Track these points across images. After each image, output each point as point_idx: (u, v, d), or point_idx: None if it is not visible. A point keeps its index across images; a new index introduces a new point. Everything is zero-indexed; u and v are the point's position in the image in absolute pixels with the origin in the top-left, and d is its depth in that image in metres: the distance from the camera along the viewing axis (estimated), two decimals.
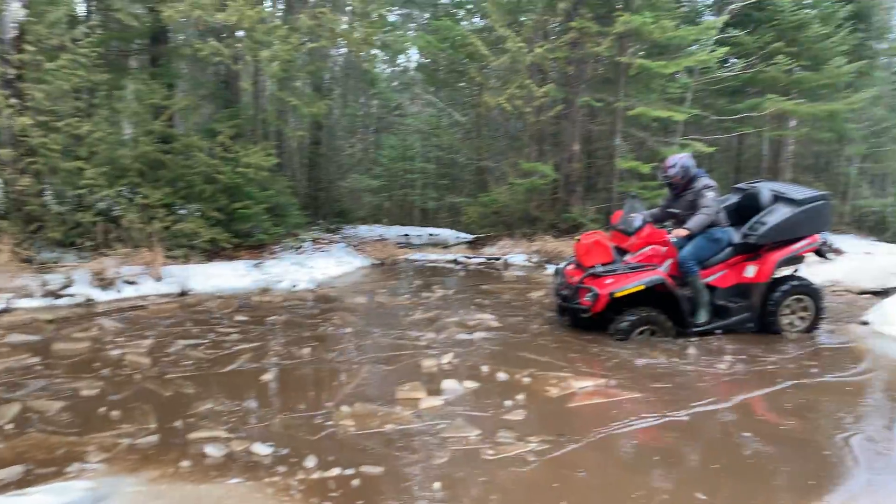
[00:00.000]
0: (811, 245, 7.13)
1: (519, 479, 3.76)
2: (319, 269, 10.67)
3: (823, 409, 5.10)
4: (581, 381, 5.37)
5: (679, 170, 6.95)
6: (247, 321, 7.39)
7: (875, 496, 3.79)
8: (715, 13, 16.10)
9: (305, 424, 4.46)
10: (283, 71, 11.19)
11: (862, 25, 18.15)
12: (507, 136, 18.35)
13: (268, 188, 11.53)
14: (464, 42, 14.16)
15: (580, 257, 6.87)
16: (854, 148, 18.93)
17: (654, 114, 13.29)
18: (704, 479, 3.89)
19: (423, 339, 6.70)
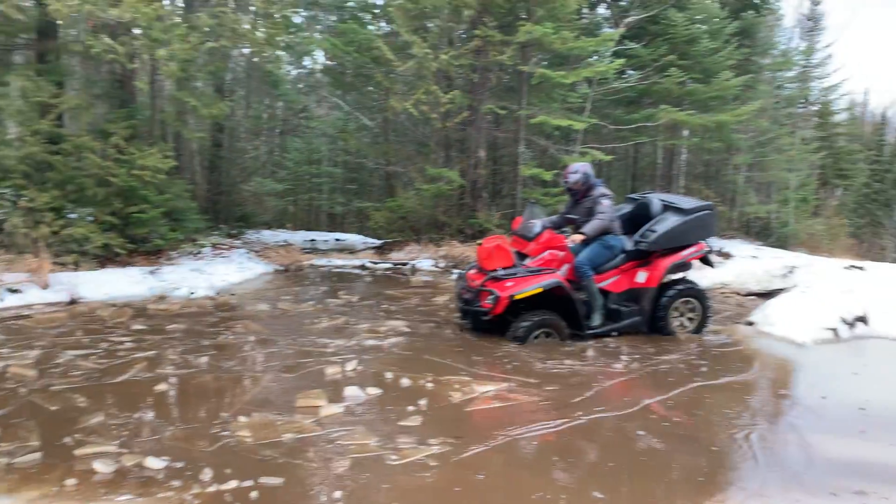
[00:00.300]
0: (698, 252, 7.59)
1: (420, 485, 3.79)
2: (219, 276, 10.37)
3: (713, 406, 5.37)
4: (483, 385, 5.45)
5: (581, 176, 7.23)
6: (141, 330, 7.10)
7: (765, 490, 4.02)
8: (612, 26, 16.70)
9: (201, 436, 4.33)
10: (182, 71, 10.81)
11: (748, 41, 19.24)
12: (415, 141, 18.40)
13: (165, 192, 11.11)
14: (370, 46, 14.12)
15: (482, 261, 7.03)
16: (741, 157, 20.03)
17: (556, 122, 13.65)
18: (602, 478, 4.03)
19: (328, 347, 6.63)
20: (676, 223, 7.34)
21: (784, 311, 8.25)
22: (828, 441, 4.76)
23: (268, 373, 5.76)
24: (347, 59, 15.39)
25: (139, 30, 10.44)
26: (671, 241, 7.33)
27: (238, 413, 4.72)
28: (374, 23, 17.74)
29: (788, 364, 6.93)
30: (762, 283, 11.24)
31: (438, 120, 14.00)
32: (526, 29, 12.69)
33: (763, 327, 8.06)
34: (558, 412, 5.00)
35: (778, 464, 4.35)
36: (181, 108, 12.56)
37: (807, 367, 6.81)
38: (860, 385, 6.14)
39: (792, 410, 5.48)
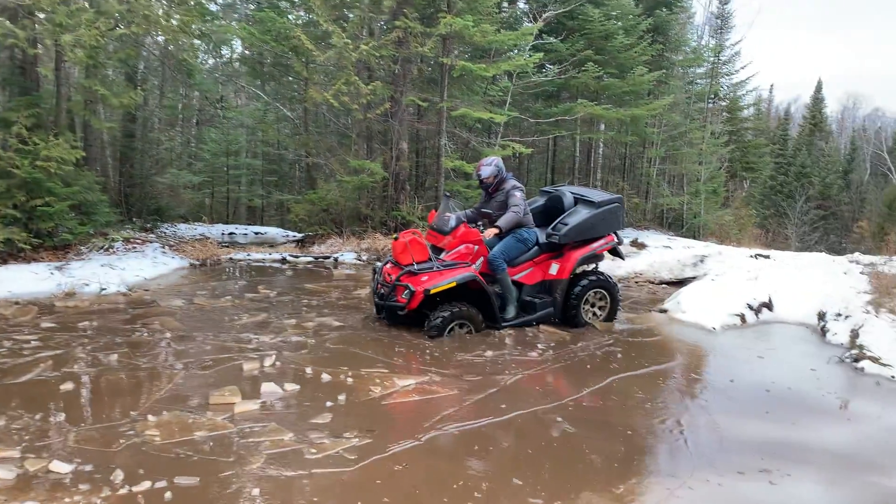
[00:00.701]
0: (608, 244, 7.84)
1: (339, 479, 3.76)
2: (132, 271, 10.00)
3: (626, 391, 5.54)
4: (404, 378, 5.45)
5: (493, 169, 7.39)
6: (47, 328, 6.78)
7: (677, 472, 4.18)
8: (532, 20, 16.94)
9: (108, 437, 4.17)
10: (90, 58, 10.35)
11: (660, 38, 19.90)
12: (336, 132, 18.21)
13: (73, 184, 10.61)
14: (288, 35, 13.87)
15: (397, 255, 7.04)
16: (654, 151, 20.69)
17: (477, 115, 13.76)
18: (521, 465, 4.10)
19: (246, 343, 6.50)
20: (587, 216, 7.55)
21: (695, 299, 8.59)
22: (736, 422, 4.98)
23: (182, 370, 5.60)
24: (265, 48, 15.09)
25: (42, 14, 9.94)
26: (582, 234, 7.54)
27: (148, 412, 4.56)
28: (293, 12, 17.43)
29: (699, 349, 7.21)
30: (674, 272, 11.65)
31: (360, 111, 13.90)
32: (447, 21, 12.73)
33: (675, 314, 8.36)
34: (477, 403, 5.06)
35: (689, 446, 4.53)
36: (90, 97, 12.02)
37: (716, 352, 7.11)
38: (765, 368, 6.46)
39: (702, 394, 5.71)
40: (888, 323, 7.22)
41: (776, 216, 38.01)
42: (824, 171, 43.79)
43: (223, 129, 23.72)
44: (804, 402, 5.49)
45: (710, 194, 23.50)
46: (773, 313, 8.53)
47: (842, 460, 4.38)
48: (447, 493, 3.66)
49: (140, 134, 16.37)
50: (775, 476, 4.05)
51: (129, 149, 15.38)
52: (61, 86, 11.62)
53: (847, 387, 5.99)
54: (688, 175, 22.68)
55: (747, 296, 8.61)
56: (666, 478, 4.02)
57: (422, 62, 14.92)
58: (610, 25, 16.53)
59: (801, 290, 8.98)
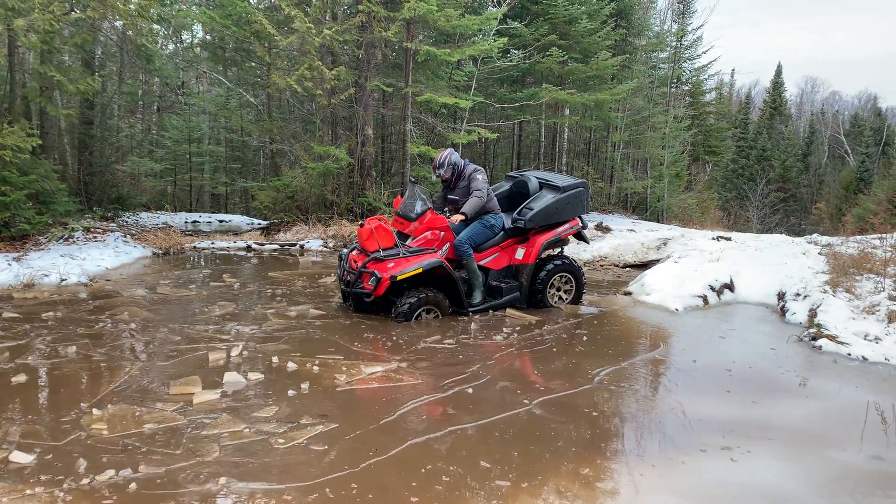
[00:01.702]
0: (572, 228, 7.95)
1: (299, 468, 3.76)
2: (93, 261, 9.83)
3: (591, 374, 5.61)
4: (371, 366, 5.45)
5: (448, 168, 7.43)
6: (8, 318, 6.64)
7: (642, 451, 4.26)
8: (495, 5, 16.91)
9: (60, 429, 4.11)
10: (44, 43, 10.10)
11: (624, 23, 20.01)
12: (300, 118, 18.03)
13: (29, 172, 10.36)
14: (250, 20, 13.66)
15: (363, 242, 7.04)
16: (618, 135, 20.86)
17: (442, 100, 13.72)
18: (489, 449, 4.13)
19: (212, 333, 6.45)
20: (551, 200, 7.64)
21: (658, 281, 8.72)
22: (698, 402, 5.09)
23: (144, 361, 5.53)
24: (227, 33, 14.84)
25: None
26: (547, 218, 7.63)
27: (102, 402, 4.52)
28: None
29: (662, 331, 7.32)
30: (638, 254, 11.81)
31: (324, 97, 13.77)
32: (410, 6, 12.63)
33: (639, 297, 8.49)
34: (443, 389, 5.08)
35: (654, 425, 4.62)
36: (45, 83, 11.71)
37: (679, 333, 7.23)
38: (727, 348, 6.59)
39: (666, 374, 5.81)
40: (844, 302, 7.41)
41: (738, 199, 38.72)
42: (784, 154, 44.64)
43: (185, 115, 23.30)
44: (764, 381, 5.62)
45: (673, 178, 23.82)
46: (734, 294, 8.70)
47: (801, 436, 4.50)
48: (415, 478, 3.68)
49: (99, 121, 16.02)
50: (736, 453, 4.14)
51: (88, 136, 15.05)
52: (15, 72, 11.32)
53: (806, 365, 6.14)
54: (651, 159, 22.93)
55: (709, 277, 8.76)
56: (631, 458, 4.09)
57: (386, 47, 14.81)
58: (574, 10, 16.57)
59: (762, 271, 9.17)
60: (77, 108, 14.56)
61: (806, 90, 67.68)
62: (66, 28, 11.56)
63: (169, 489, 3.46)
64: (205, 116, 24.33)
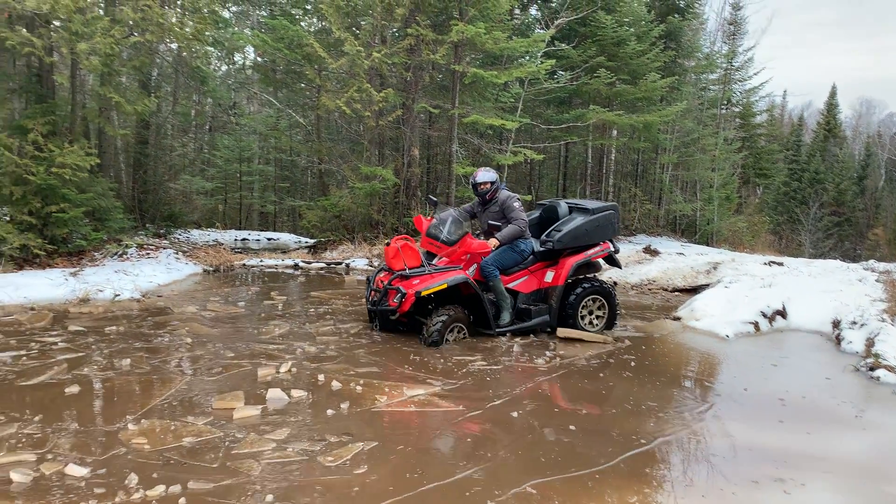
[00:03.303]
0: (603, 251, 7.81)
1: (333, 487, 3.75)
2: (146, 277, 10.06)
3: (639, 399, 5.51)
4: (413, 388, 5.43)
5: (492, 175, 7.48)
6: (62, 333, 6.83)
7: (692, 480, 4.15)
8: (543, 27, 16.95)
9: (105, 441, 4.20)
10: (105, 65, 10.45)
11: (673, 44, 19.86)
12: (348, 139, 18.28)
13: (87, 190, 10.71)
14: (301, 43, 13.95)
15: (389, 261, 7.05)
16: (667, 157, 20.63)
17: (488, 121, 13.77)
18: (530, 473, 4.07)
19: (259, 349, 6.53)
20: (581, 223, 7.56)
21: (708, 306, 8.55)
22: (749, 431, 4.94)
23: (191, 375, 5.62)
24: (278, 55, 15.16)
25: (58, 22, 10.05)
26: (576, 240, 7.54)
27: (150, 416, 4.61)
28: (306, 19, 17.54)
29: (712, 357, 7.16)
30: (688, 279, 11.60)
31: (372, 118, 13.94)
32: (458, 28, 12.75)
33: (688, 322, 8.32)
34: (485, 413, 5.04)
35: (704, 454, 4.50)
36: (104, 104, 12.13)
37: (729, 360, 7.06)
38: (779, 377, 6.41)
39: (715, 402, 5.67)
40: None
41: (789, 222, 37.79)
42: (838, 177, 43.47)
43: (236, 135, 23.83)
44: (819, 412, 5.44)
45: (723, 201, 23.40)
46: (786, 321, 8.47)
47: (857, 470, 4.34)
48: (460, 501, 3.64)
49: (153, 140, 16.48)
50: (790, 486, 4.01)
51: (143, 155, 15.49)
52: (76, 93, 11.73)
53: (862, 396, 5.93)
54: (700, 181, 22.59)
55: (761, 303, 8.55)
56: (680, 486, 3.99)
57: (433, 69, 14.95)
58: (622, 32, 16.52)
59: (816, 297, 8.91)
60: (133, 128, 15.03)
61: (861, 112, 66.00)
62: (125, 51, 11.96)
63: None
64: (255, 136, 24.82)
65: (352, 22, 14.23)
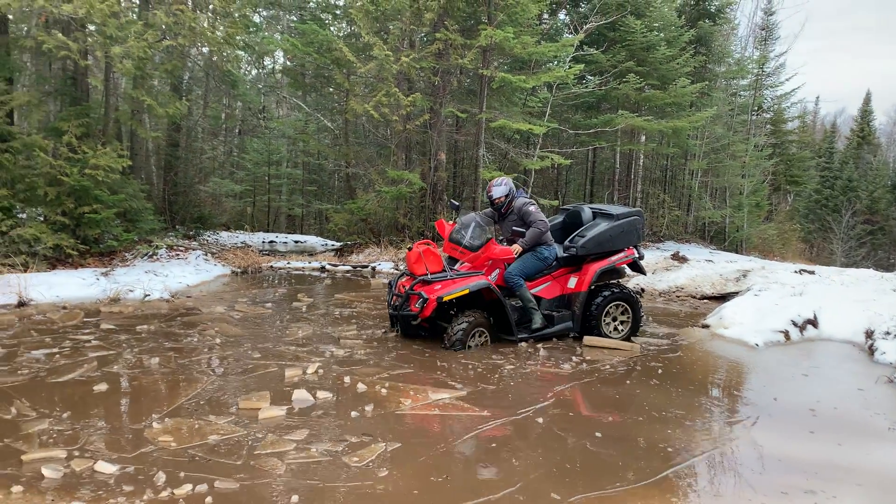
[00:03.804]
0: (627, 258, 7.71)
1: (357, 490, 3.76)
2: (175, 278, 10.19)
3: (666, 407, 5.44)
4: (439, 392, 5.42)
5: (505, 188, 7.35)
6: (94, 332, 6.94)
7: (719, 490, 4.09)
8: (572, 31, 16.89)
9: (130, 439, 4.25)
10: (138, 69, 10.63)
11: (703, 50, 19.68)
12: (375, 143, 18.37)
13: (119, 192, 10.89)
14: (330, 47, 14.05)
15: (410, 266, 7.00)
16: (696, 163, 20.42)
17: (515, 126, 13.75)
18: (554, 481, 4.04)
19: (287, 350, 6.57)
20: (604, 228, 7.46)
21: (738, 315, 8.42)
22: (779, 442, 4.85)
23: (218, 375, 5.67)
24: (307, 59, 15.29)
25: (93, 26, 10.23)
26: (600, 246, 7.44)
27: (175, 414, 4.66)
28: (335, 24, 17.67)
29: (741, 366, 7.05)
30: (716, 286, 11.45)
31: (399, 122, 13.99)
32: (487, 33, 12.76)
33: (717, 330, 8.21)
34: (510, 419, 5.02)
35: (732, 465, 4.43)
36: (137, 107, 12.33)
37: (759, 369, 6.94)
38: (810, 387, 6.29)
39: (744, 412, 5.58)
40: None
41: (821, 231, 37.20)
42: (872, 185, 42.68)
43: (265, 139, 24.07)
44: (851, 423, 5.33)
45: (754, 208, 23.11)
46: (818, 330, 8.31)
47: (890, 483, 4.23)
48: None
49: (184, 143, 16.71)
50: (821, 497, 3.93)
51: (174, 158, 15.70)
52: (110, 96, 11.94)
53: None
54: (730, 188, 22.33)
55: (791, 312, 8.40)
56: (707, 496, 3.93)
57: (461, 74, 14.98)
58: (652, 37, 16.40)
59: (848, 307, 8.74)
60: (164, 131, 15.25)
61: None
62: (157, 55, 12.15)
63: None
64: (284, 140, 25.06)
65: (381, 26, 14.31)
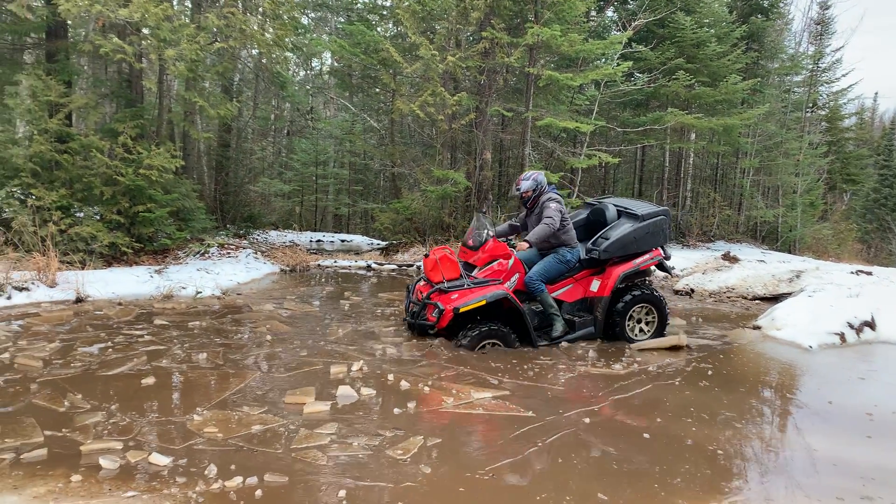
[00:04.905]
0: (653, 259, 7.39)
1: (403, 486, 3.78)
2: (226, 276, 10.40)
3: (717, 410, 5.35)
4: (481, 391, 5.41)
5: (531, 183, 7.12)
6: (147, 327, 7.13)
7: (771, 494, 4.00)
8: (620, 29, 16.70)
9: (179, 432, 4.35)
10: (190, 71, 10.87)
11: (755, 45, 19.25)
12: (421, 143, 18.45)
13: (172, 191, 11.17)
14: (377, 48, 14.16)
15: (428, 273, 6.87)
16: (748, 161, 19.98)
17: (562, 125, 13.64)
18: (602, 483, 4.01)
19: (333, 347, 6.64)
20: (629, 230, 7.19)
21: (791, 316, 8.21)
22: (834, 446, 4.72)
23: (265, 371, 5.77)
24: (355, 60, 15.43)
25: (148, 30, 10.51)
26: (623, 249, 7.18)
27: (223, 406, 4.76)
28: (382, 24, 17.80)
29: (794, 368, 6.88)
30: (769, 287, 11.19)
31: (445, 122, 14.02)
32: (534, 31, 12.70)
33: (769, 331, 8.02)
34: (552, 420, 4.99)
35: (784, 468, 4.33)
36: (189, 108, 12.63)
37: (813, 372, 6.77)
38: (867, 390, 6.10)
39: (797, 415, 5.45)
40: None
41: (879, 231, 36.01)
42: None
43: (313, 139, 24.38)
44: None
45: (807, 207, 22.49)
46: (875, 333, 8.05)
47: None
48: None
49: (234, 144, 17.04)
50: (877, 503, 3.82)
51: (224, 158, 16.03)
52: (163, 98, 12.24)
53: None
54: (783, 187, 21.78)
55: (847, 314, 8.16)
56: (759, 501, 3.84)
57: (507, 72, 14.93)
58: (702, 33, 16.10)
59: None
60: (216, 132, 15.58)
61: None
62: (209, 57, 12.41)
63: (292, 498, 3.56)
64: (331, 140, 25.33)
65: (427, 26, 14.37)
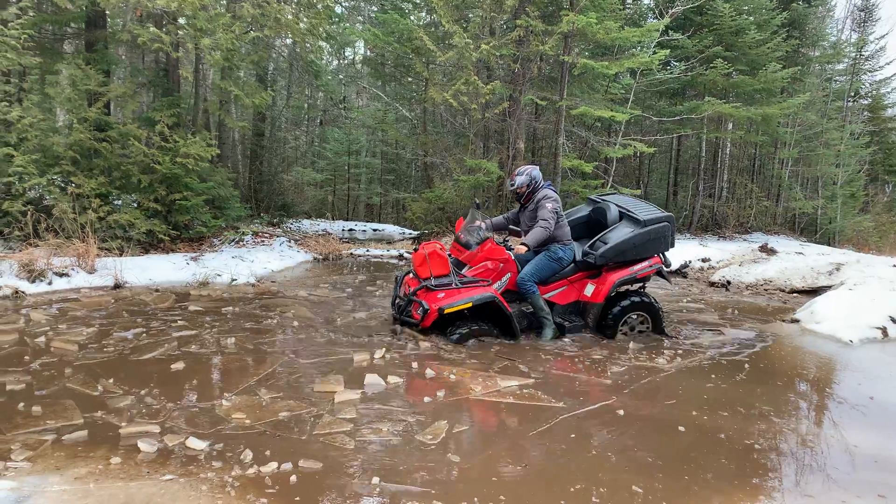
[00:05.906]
0: (652, 267, 7.13)
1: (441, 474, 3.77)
2: (260, 263, 10.51)
3: (755, 404, 5.26)
4: (508, 380, 5.39)
5: (526, 178, 6.90)
6: (182, 314, 7.23)
7: (810, 490, 3.93)
8: (657, 16, 16.43)
9: (210, 418, 4.40)
10: (226, 60, 10.97)
11: (796, 33, 18.81)
12: (453, 132, 18.40)
13: (208, 180, 11.30)
14: (410, 36, 14.13)
15: (416, 268, 6.72)
16: (787, 152, 19.58)
17: (597, 113, 13.50)
18: (635, 474, 3.96)
19: (361, 334, 6.67)
20: (629, 235, 6.93)
21: (830, 309, 8.05)
22: (876, 442, 4.62)
23: (292, 357, 5.82)
24: (388, 49, 15.43)
25: (184, 19, 10.61)
26: (622, 255, 6.93)
27: (252, 391, 4.81)
28: (416, 13, 17.76)
29: (834, 363, 6.74)
30: (807, 280, 10.97)
31: (478, 111, 13.95)
32: (569, 19, 12.56)
33: (808, 325, 7.87)
34: (583, 411, 4.95)
35: (823, 464, 4.24)
36: (224, 98, 12.74)
37: (853, 367, 6.62)
38: None
39: (836, 410, 5.33)
40: None
41: None
42: None
43: (345, 128, 24.48)
44: None
45: (848, 198, 21.99)
46: None
47: None
48: (564, 496, 3.59)
49: (269, 133, 17.18)
50: None
51: (259, 147, 16.17)
52: (199, 87, 12.36)
53: None
54: (823, 178, 21.31)
55: (890, 307, 7.97)
56: (797, 497, 3.77)
57: (542, 60, 14.80)
58: (741, 20, 15.78)
59: None
60: (250, 121, 15.71)
61: None
62: (244, 46, 12.51)
63: (326, 484, 3.59)
64: (363, 130, 25.42)
65: (461, 15, 14.30)
